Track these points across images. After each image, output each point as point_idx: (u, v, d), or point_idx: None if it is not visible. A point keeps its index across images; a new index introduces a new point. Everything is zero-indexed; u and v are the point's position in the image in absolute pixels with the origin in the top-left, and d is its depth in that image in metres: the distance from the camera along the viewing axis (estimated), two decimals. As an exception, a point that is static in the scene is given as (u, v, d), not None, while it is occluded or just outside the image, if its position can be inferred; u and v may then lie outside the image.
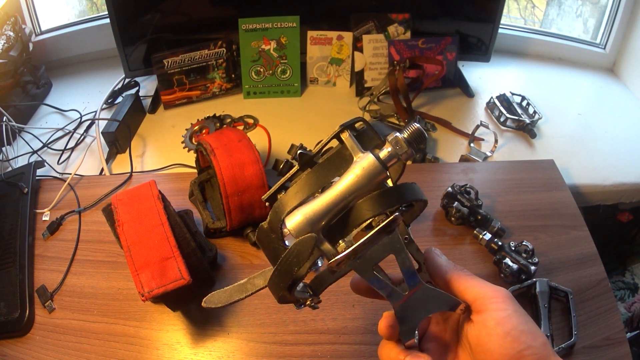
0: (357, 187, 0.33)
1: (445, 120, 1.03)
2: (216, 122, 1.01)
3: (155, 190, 0.67)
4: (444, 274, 0.38)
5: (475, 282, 0.36)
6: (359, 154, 0.34)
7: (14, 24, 1.06)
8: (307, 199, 0.35)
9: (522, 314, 0.34)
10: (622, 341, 0.62)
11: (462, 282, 0.37)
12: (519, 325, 0.33)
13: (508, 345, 0.33)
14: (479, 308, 0.35)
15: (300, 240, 0.32)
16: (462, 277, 0.37)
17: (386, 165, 0.34)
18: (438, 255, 0.39)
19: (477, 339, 0.34)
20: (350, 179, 0.34)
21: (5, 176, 0.84)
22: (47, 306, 0.68)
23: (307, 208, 0.34)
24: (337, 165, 0.35)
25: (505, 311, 0.34)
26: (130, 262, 0.58)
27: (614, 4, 1.17)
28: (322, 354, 0.61)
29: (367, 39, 1.09)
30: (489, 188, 0.82)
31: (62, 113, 1.11)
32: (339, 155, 0.36)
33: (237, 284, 0.41)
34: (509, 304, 0.34)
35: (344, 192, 0.33)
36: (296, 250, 0.32)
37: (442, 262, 0.38)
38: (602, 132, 1.04)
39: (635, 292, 1.04)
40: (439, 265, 0.38)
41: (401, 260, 0.35)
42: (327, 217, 0.34)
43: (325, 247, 0.33)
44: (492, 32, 1.10)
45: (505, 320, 0.33)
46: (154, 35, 1.08)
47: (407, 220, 0.40)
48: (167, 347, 0.63)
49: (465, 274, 0.37)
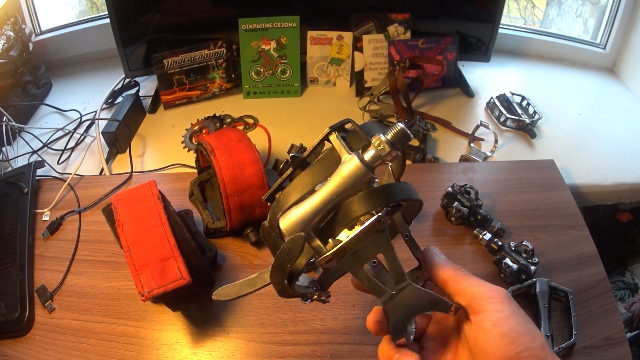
0: (343, 189, 0.34)
1: (445, 120, 1.03)
2: (216, 122, 1.01)
3: (155, 190, 0.67)
4: (442, 273, 0.38)
5: (474, 282, 0.36)
6: (346, 155, 0.35)
7: (14, 24, 1.06)
8: (300, 199, 0.36)
9: (521, 315, 0.34)
10: (622, 341, 0.62)
11: (460, 281, 0.37)
12: (517, 326, 0.33)
13: (505, 347, 0.32)
14: (477, 308, 0.35)
15: (290, 238, 0.34)
16: (460, 277, 0.37)
17: (371, 167, 0.34)
18: (437, 254, 0.39)
19: (475, 340, 0.34)
20: (336, 180, 0.34)
21: (5, 176, 0.84)
22: (47, 306, 0.68)
23: (299, 208, 0.35)
24: (327, 167, 0.36)
25: (503, 312, 0.34)
26: (130, 262, 0.58)
27: (614, 4, 1.17)
28: (322, 354, 0.61)
29: (367, 39, 1.09)
30: (489, 188, 0.82)
31: (62, 113, 1.11)
32: (329, 156, 0.36)
33: (248, 279, 0.43)
34: (506, 305, 0.34)
35: (331, 194, 0.35)
36: (287, 247, 0.34)
37: (440, 261, 0.38)
38: (602, 132, 1.04)
39: (635, 292, 1.04)
40: (437, 264, 0.38)
41: (389, 260, 0.36)
42: (318, 216, 0.35)
43: (315, 244, 0.35)
44: (492, 32, 1.10)
45: (502, 321, 0.33)
46: (154, 35, 1.08)
47: (409, 217, 0.40)
48: (167, 347, 0.63)
49: (463, 273, 0.37)
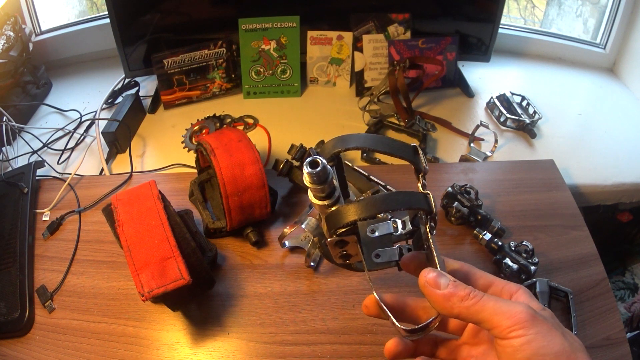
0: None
1: (445, 120, 1.03)
2: (216, 122, 1.01)
3: (155, 190, 0.67)
4: (454, 309, 0.35)
5: (489, 309, 0.34)
6: None
7: (14, 24, 1.06)
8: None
9: (546, 334, 0.32)
10: (622, 341, 0.62)
11: (474, 313, 0.34)
12: (541, 348, 0.32)
13: None
14: (499, 335, 0.34)
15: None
16: (473, 307, 0.34)
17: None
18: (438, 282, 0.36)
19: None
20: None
21: (5, 176, 0.84)
22: (47, 306, 0.68)
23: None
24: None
25: (526, 336, 0.32)
26: (130, 262, 0.58)
27: (614, 4, 1.17)
28: (322, 354, 0.61)
29: (367, 39, 1.09)
30: (489, 188, 0.82)
31: (62, 113, 1.11)
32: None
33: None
34: (529, 328, 0.32)
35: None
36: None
37: (446, 292, 0.35)
38: (602, 132, 1.04)
39: (635, 292, 1.04)
40: (444, 300, 0.36)
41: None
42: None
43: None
44: (492, 32, 1.10)
45: (525, 346, 0.32)
46: (154, 35, 1.08)
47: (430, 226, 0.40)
48: (167, 347, 0.63)
49: (474, 302, 0.34)
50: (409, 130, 0.98)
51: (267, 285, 0.69)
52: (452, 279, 0.36)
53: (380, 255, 0.40)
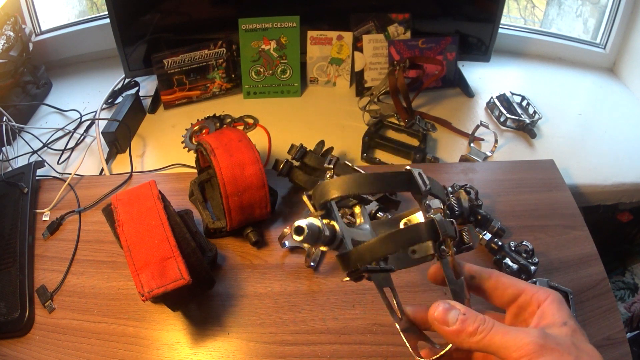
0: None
1: (445, 120, 1.03)
2: (216, 122, 1.01)
3: (155, 190, 0.67)
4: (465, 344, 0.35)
5: (499, 342, 0.33)
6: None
7: (14, 24, 1.06)
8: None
9: (558, 351, 0.32)
10: (622, 341, 0.62)
11: (485, 347, 0.34)
12: None
13: None
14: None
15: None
16: (484, 342, 0.34)
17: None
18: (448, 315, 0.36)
19: None
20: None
21: (5, 176, 0.84)
22: (47, 306, 0.68)
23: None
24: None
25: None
26: (130, 262, 0.58)
27: (614, 4, 1.17)
28: (322, 354, 0.61)
29: (367, 39, 1.09)
30: (489, 188, 0.82)
31: (62, 113, 1.11)
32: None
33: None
34: (539, 352, 0.32)
35: None
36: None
37: (451, 331, 0.35)
38: (602, 132, 1.04)
39: (635, 292, 1.04)
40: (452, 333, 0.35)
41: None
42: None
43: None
44: (492, 32, 1.10)
45: None
46: (154, 35, 1.08)
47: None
48: (167, 347, 0.63)
49: (483, 337, 0.34)
50: (409, 130, 0.98)
51: (267, 285, 0.69)
52: (463, 311, 0.35)
53: (417, 251, 0.38)
